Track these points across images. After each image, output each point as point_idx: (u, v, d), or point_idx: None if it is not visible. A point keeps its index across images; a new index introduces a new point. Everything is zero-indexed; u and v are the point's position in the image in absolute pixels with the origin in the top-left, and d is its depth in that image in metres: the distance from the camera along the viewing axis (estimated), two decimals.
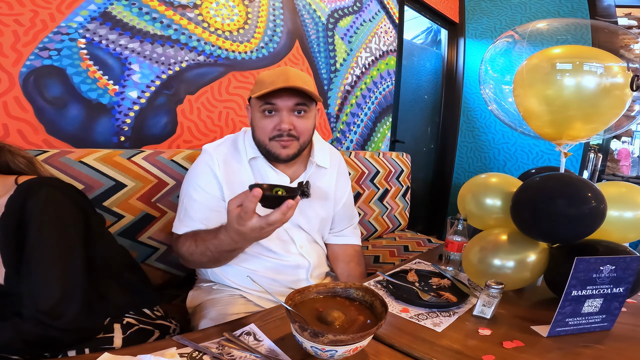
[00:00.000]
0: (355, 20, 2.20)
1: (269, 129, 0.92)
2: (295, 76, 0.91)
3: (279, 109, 0.91)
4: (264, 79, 0.92)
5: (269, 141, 0.93)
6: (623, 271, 0.72)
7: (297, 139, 0.94)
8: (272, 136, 0.92)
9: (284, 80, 0.87)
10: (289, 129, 0.91)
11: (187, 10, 1.42)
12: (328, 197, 1.09)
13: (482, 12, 3.16)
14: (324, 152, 1.08)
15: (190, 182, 0.97)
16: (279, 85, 0.86)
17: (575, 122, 0.93)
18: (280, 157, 0.94)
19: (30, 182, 0.71)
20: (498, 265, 0.88)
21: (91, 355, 0.62)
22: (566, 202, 0.80)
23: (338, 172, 1.13)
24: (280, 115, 0.91)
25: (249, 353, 0.62)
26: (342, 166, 1.18)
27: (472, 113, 3.26)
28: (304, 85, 0.88)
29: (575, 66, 0.87)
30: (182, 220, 0.95)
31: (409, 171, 2.20)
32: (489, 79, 1.10)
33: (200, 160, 0.98)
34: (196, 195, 0.95)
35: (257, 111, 0.94)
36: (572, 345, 0.71)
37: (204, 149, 1.00)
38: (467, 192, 1.05)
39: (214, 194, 0.95)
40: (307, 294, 0.69)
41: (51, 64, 1.11)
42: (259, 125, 0.94)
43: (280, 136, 0.92)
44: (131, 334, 0.79)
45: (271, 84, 0.88)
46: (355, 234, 1.21)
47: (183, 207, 0.96)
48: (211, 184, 0.95)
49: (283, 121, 0.90)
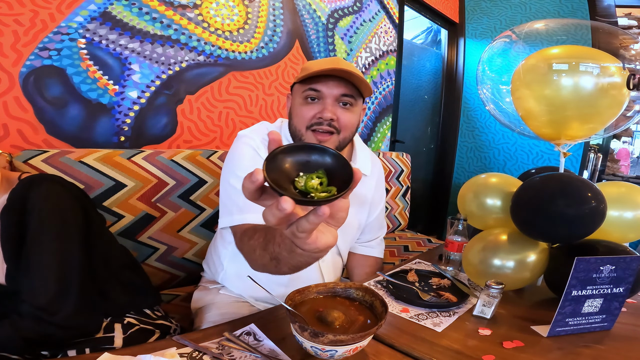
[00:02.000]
0: (355, 20, 2.20)
1: (309, 116, 0.84)
2: (347, 64, 0.84)
3: (324, 96, 0.84)
4: (311, 65, 0.85)
5: (305, 130, 0.85)
6: (623, 271, 0.72)
7: (337, 133, 0.86)
8: (311, 124, 0.85)
9: (334, 64, 0.81)
10: (331, 118, 0.83)
11: (187, 10, 1.42)
12: (364, 206, 1.04)
13: (482, 12, 3.16)
14: (366, 158, 1.02)
15: (237, 167, 0.87)
16: (327, 67, 0.80)
17: (573, 122, 0.93)
18: None
19: (33, 177, 0.72)
20: (498, 265, 0.88)
21: (91, 355, 0.62)
22: (566, 202, 0.80)
23: (377, 180, 1.09)
24: (324, 103, 0.84)
25: (249, 353, 0.62)
26: (382, 175, 1.12)
27: (472, 113, 3.26)
28: (355, 72, 0.81)
29: (571, 66, 0.88)
30: (245, 209, 0.80)
31: (409, 171, 2.20)
32: (486, 79, 1.10)
33: (242, 143, 0.89)
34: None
35: (298, 97, 0.87)
36: (572, 345, 0.71)
37: (240, 135, 0.92)
38: (467, 192, 1.05)
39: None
40: (307, 294, 0.69)
41: (51, 64, 1.11)
42: (299, 112, 0.86)
43: (319, 124, 0.84)
44: (132, 333, 0.79)
45: (319, 67, 0.81)
46: (381, 246, 1.18)
47: (229, 197, 0.85)
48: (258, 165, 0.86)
49: (326, 109, 0.83)
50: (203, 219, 1.26)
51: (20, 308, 0.66)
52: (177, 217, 1.20)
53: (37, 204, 0.68)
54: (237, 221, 0.81)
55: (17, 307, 0.67)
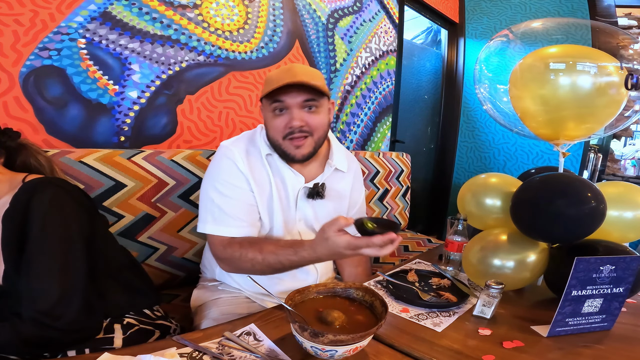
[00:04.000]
0: (355, 20, 2.20)
1: (281, 127, 0.90)
2: (302, 71, 0.88)
3: (289, 106, 0.88)
4: (271, 77, 0.90)
5: (282, 140, 0.91)
6: (623, 271, 0.72)
7: (310, 135, 0.91)
8: (285, 134, 0.90)
9: (290, 76, 0.86)
10: (300, 125, 0.88)
11: (187, 10, 1.42)
12: (343, 201, 1.07)
13: (482, 12, 3.15)
14: (342, 156, 1.06)
15: (215, 179, 0.92)
16: (284, 81, 0.84)
17: (571, 122, 0.93)
18: (295, 157, 0.92)
19: (36, 182, 0.72)
20: (498, 265, 0.88)
21: (91, 355, 0.62)
22: (566, 202, 0.80)
23: (354, 176, 1.11)
24: (290, 112, 0.89)
25: (249, 353, 0.62)
26: (358, 171, 1.16)
27: (472, 113, 3.26)
28: (311, 80, 0.86)
29: (568, 66, 0.88)
30: (219, 220, 0.90)
31: (409, 171, 2.20)
32: (483, 79, 1.10)
33: (221, 155, 0.94)
34: (228, 191, 0.91)
35: (268, 111, 0.92)
36: (572, 345, 0.71)
37: (221, 146, 0.96)
38: (467, 192, 1.05)
39: (244, 188, 0.92)
40: (307, 294, 0.69)
41: (51, 64, 1.11)
42: (271, 125, 0.91)
43: (292, 133, 0.89)
44: (131, 334, 0.79)
45: (277, 82, 0.86)
46: None
47: (215, 206, 0.91)
48: (239, 178, 0.92)
49: (293, 118, 0.88)
50: None
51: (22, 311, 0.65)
52: (177, 217, 1.20)
53: (40, 209, 0.68)
54: (209, 230, 0.90)
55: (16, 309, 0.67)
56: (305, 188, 0.98)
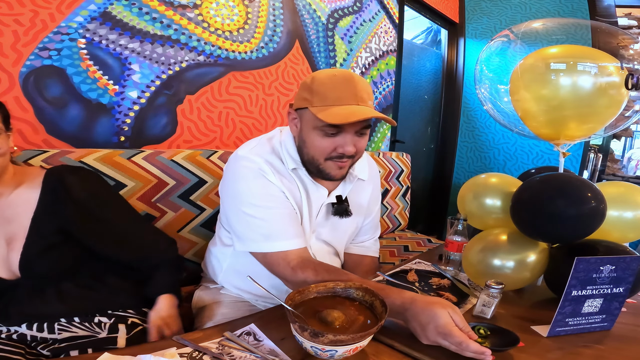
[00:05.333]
0: (355, 20, 2.20)
1: (329, 149, 0.82)
2: (364, 91, 0.80)
3: (345, 130, 0.81)
4: (327, 92, 0.79)
5: (324, 161, 0.84)
6: (623, 271, 0.72)
7: (352, 158, 0.86)
8: (331, 157, 0.83)
9: (353, 99, 0.78)
10: (354, 152, 0.83)
11: (187, 10, 1.42)
12: (361, 212, 1.04)
13: (482, 12, 3.15)
14: (363, 163, 1.01)
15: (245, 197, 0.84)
16: (358, 117, 0.75)
17: (572, 122, 0.93)
18: (335, 177, 0.87)
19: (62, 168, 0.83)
20: (498, 265, 0.88)
21: (92, 355, 0.62)
22: (566, 202, 0.80)
23: (374, 184, 1.08)
24: (344, 137, 0.81)
25: (249, 353, 0.62)
26: (377, 178, 1.12)
27: (472, 113, 3.26)
28: (375, 111, 0.79)
29: (569, 66, 0.87)
30: (271, 236, 0.81)
31: (409, 171, 2.20)
32: (484, 79, 1.10)
33: (244, 167, 0.85)
34: (266, 202, 0.83)
35: (313, 128, 0.82)
36: (572, 345, 0.71)
37: (240, 156, 0.87)
38: (467, 192, 1.05)
39: (281, 197, 0.86)
40: (307, 294, 0.69)
41: (51, 64, 1.11)
42: (316, 144, 0.83)
43: (341, 158, 0.83)
44: (135, 334, 0.79)
45: (339, 100, 0.78)
46: (376, 245, 1.18)
47: (259, 221, 0.82)
48: (273, 188, 0.85)
49: (348, 144, 0.81)
50: (203, 219, 1.26)
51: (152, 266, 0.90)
52: (177, 217, 1.20)
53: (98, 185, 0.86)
54: (264, 248, 0.82)
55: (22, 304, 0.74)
56: (328, 204, 0.94)
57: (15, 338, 0.73)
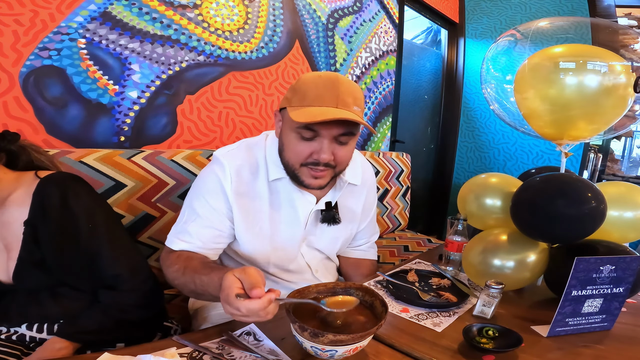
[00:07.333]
0: (355, 20, 2.20)
1: (304, 154, 0.78)
2: (347, 94, 0.74)
3: (321, 135, 0.76)
4: (307, 91, 0.75)
5: (299, 167, 0.80)
6: (623, 271, 0.72)
7: (333, 168, 0.81)
8: (306, 163, 0.79)
9: (333, 100, 0.73)
10: (328, 160, 0.77)
11: (187, 10, 1.42)
12: (354, 219, 1.01)
13: (482, 12, 3.16)
14: (356, 167, 0.96)
15: (196, 192, 0.85)
16: (328, 116, 0.70)
17: (577, 122, 0.93)
18: (310, 186, 0.82)
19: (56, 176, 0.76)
20: (498, 265, 0.88)
21: (91, 355, 0.62)
22: (566, 202, 0.80)
23: (368, 189, 1.03)
24: (320, 142, 0.76)
25: (249, 353, 0.62)
26: (373, 181, 1.07)
27: (472, 113, 3.26)
28: (356, 115, 0.74)
29: (578, 65, 0.86)
30: (178, 233, 0.83)
31: (409, 171, 2.20)
32: (490, 78, 1.10)
33: (210, 170, 0.85)
34: (200, 209, 0.82)
35: (290, 129, 0.78)
36: (572, 345, 0.71)
37: (215, 157, 0.85)
38: (467, 192, 1.05)
39: (220, 211, 0.83)
40: (307, 294, 0.69)
41: (51, 64, 1.11)
42: (292, 147, 0.79)
43: (315, 164, 0.78)
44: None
45: (317, 101, 0.73)
46: (374, 248, 1.16)
47: (183, 219, 0.84)
48: (219, 200, 0.82)
49: (323, 151, 0.76)
50: None
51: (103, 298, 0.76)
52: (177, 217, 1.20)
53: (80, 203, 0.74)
54: (168, 236, 0.85)
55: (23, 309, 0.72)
56: (317, 211, 0.91)
57: (14, 339, 0.73)
